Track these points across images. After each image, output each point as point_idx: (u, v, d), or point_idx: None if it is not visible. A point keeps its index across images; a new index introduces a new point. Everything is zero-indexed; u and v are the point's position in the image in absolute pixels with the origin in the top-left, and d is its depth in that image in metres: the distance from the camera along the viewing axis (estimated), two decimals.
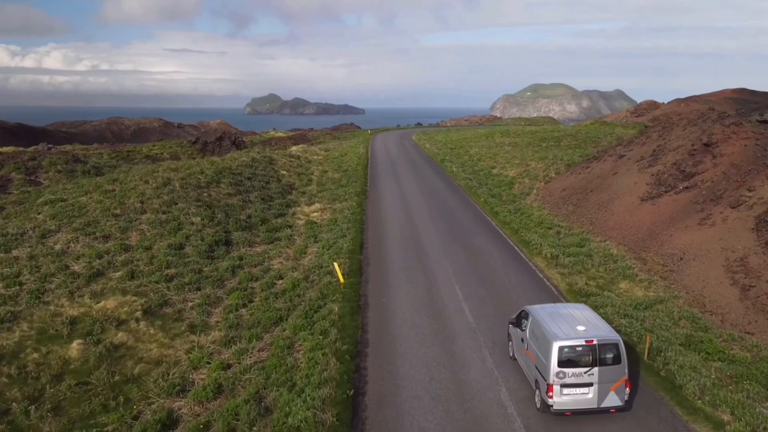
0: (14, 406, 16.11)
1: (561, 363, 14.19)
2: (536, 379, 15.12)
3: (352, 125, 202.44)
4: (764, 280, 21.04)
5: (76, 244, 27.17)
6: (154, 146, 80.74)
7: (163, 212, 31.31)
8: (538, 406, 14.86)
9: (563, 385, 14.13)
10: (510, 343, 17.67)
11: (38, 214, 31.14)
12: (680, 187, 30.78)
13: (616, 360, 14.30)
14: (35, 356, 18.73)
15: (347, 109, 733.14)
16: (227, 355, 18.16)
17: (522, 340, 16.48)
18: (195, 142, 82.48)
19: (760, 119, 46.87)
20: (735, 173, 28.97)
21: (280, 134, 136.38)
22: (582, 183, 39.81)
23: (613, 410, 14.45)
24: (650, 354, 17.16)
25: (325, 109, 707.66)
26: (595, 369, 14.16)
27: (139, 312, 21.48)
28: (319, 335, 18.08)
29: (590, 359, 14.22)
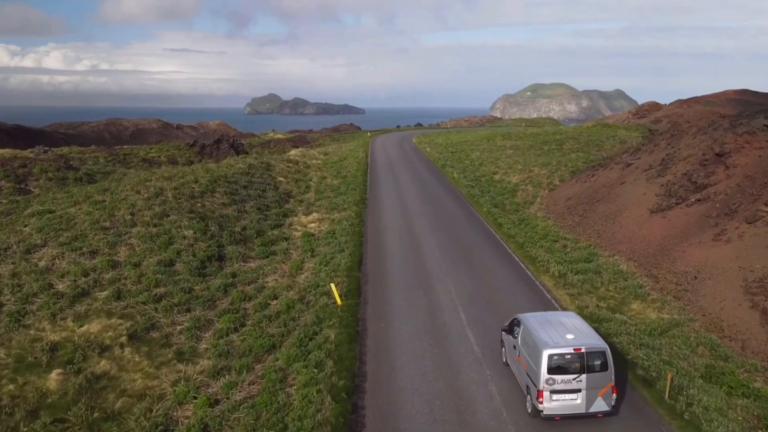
0: None
1: (551, 370, 14.72)
2: (527, 385, 15.66)
3: (352, 125, 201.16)
4: None
5: (62, 261, 25.97)
6: (152, 149, 79.46)
7: (154, 225, 30.09)
8: (529, 411, 15.38)
9: (553, 391, 14.69)
10: (503, 350, 18.16)
11: (24, 227, 29.96)
12: (692, 200, 29.56)
13: (604, 367, 14.85)
14: (11, 388, 17.54)
15: (347, 109, 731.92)
16: (215, 389, 16.95)
17: (514, 347, 16.97)
18: (193, 145, 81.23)
19: None
20: (750, 186, 27.74)
21: (279, 136, 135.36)
22: (588, 192, 38.60)
23: (601, 415, 15.03)
24: (671, 392, 15.94)
25: (325, 109, 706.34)
26: (584, 376, 14.75)
27: (124, 337, 20.27)
28: (314, 368, 16.87)
29: (579, 366, 14.79)
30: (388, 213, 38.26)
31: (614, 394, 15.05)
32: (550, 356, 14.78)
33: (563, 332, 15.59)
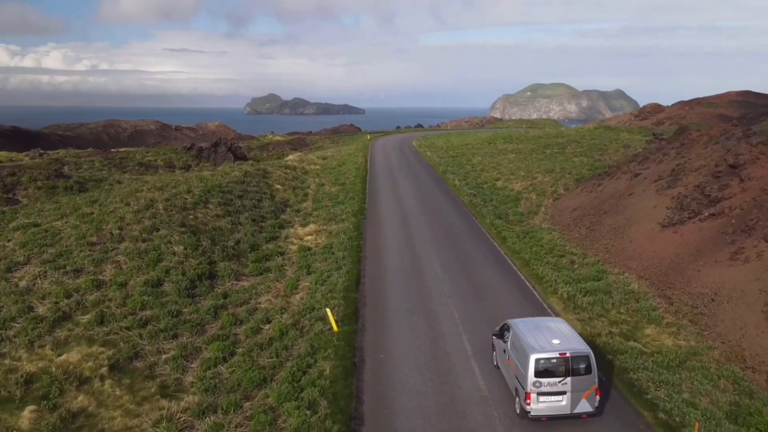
0: None
1: (537, 373, 15.39)
2: (516, 388, 16.32)
3: (352, 126, 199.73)
4: None
5: (44, 280, 24.66)
6: (148, 152, 77.96)
7: (143, 240, 28.78)
8: (518, 412, 15.99)
9: (539, 393, 15.35)
10: (494, 353, 18.94)
11: (8, 242, 28.65)
12: (705, 214, 28.24)
13: (587, 370, 15.52)
14: None
15: (347, 109, 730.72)
16: None
17: (504, 351, 17.67)
18: (190, 149, 79.80)
19: None
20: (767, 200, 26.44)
21: (279, 138, 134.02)
22: (594, 203, 37.28)
23: (585, 416, 15.71)
24: None
25: (325, 109, 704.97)
26: (569, 379, 15.40)
27: (105, 368, 18.95)
28: (307, 409, 15.55)
29: (564, 370, 15.43)
30: (388, 225, 36.93)
31: (598, 396, 15.72)
32: (537, 360, 15.43)
33: (550, 337, 16.28)
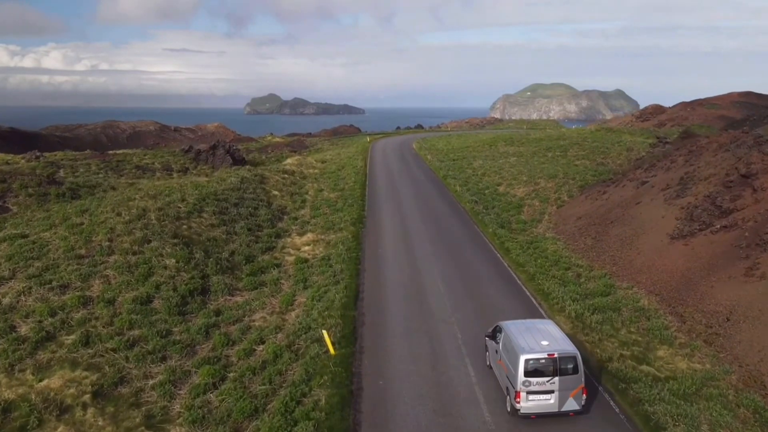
0: None
1: (527, 373, 16.04)
2: (507, 387, 16.93)
3: (352, 127, 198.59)
4: None
5: (28, 297, 23.64)
6: (146, 155, 76.95)
7: (134, 253, 27.76)
8: (509, 410, 16.66)
9: (529, 392, 16.02)
10: (487, 354, 19.56)
11: None
12: (717, 226, 27.19)
13: (575, 370, 16.20)
14: None
15: (347, 110, 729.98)
16: None
17: (496, 352, 18.31)
18: (188, 151, 78.76)
19: None
20: None
21: (278, 140, 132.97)
22: (600, 211, 36.23)
23: (572, 414, 16.38)
24: None
25: (325, 110, 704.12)
26: (556, 378, 16.07)
27: (88, 395, 17.93)
28: None
29: (552, 370, 16.09)
30: (388, 235, 35.86)
31: (584, 395, 16.37)
32: (527, 360, 16.08)
33: (539, 338, 16.93)
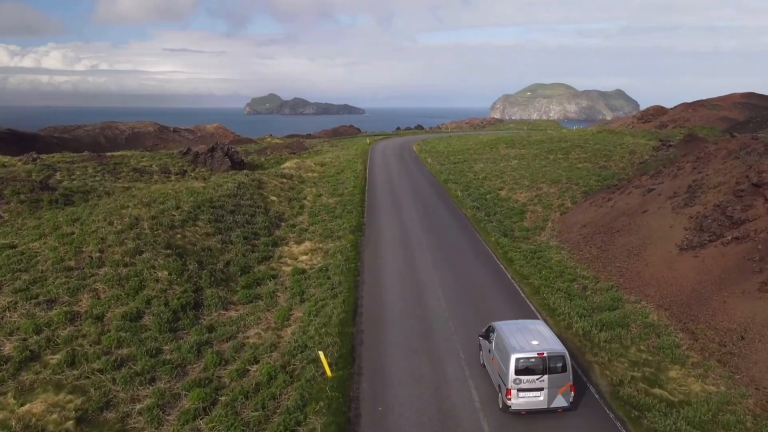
0: None
1: (518, 371, 16.69)
2: (499, 384, 17.55)
3: (352, 127, 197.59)
4: None
5: (13, 312, 22.77)
6: (143, 157, 76.12)
7: (125, 265, 26.85)
8: (500, 407, 17.22)
9: (519, 390, 16.66)
10: (480, 353, 20.11)
11: None
12: (728, 237, 26.28)
13: (563, 369, 16.85)
14: None
15: (347, 109, 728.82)
16: None
17: (489, 351, 18.86)
18: (186, 153, 77.97)
19: None
20: None
21: (277, 141, 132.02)
22: (605, 220, 35.32)
23: (560, 410, 16.99)
24: None
25: (325, 109, 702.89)
26: (546, 376, 16.72)
27: (72, 421, 17.04)
28: None
29: (542, 368, 16.74)
30: (387, 244, 34.90)
31: (572, 392, 17.00)
32: (517, 359, 16.72)
33: (530, 338, 17.60)
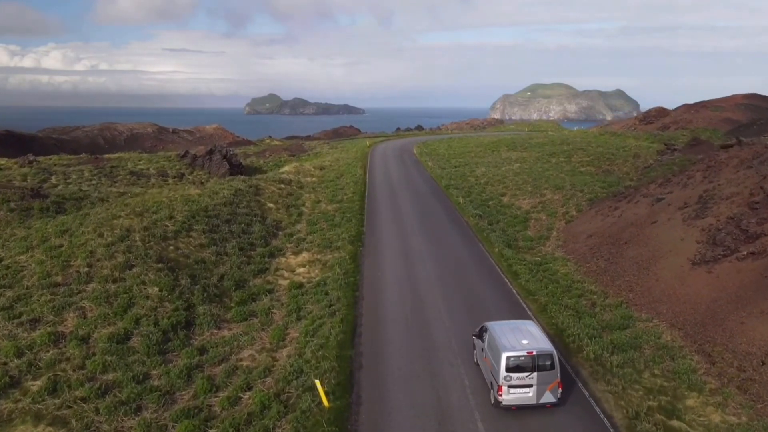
0: None
1: (508, 369, 17.61)
2: (491, 381, 18.47)
3: (352, 128, 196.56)
4: None
5: None
6: (141, 160, 75.08)
7: (114, 280, 25.76)
8: (492, 403, 18.14)
9: (510, 386, 17.60)
10: (474, 352, 21.08)
11: None
12: (743, 252, 25.16)
13: (551, 367, 17.80)
14: None
15: (347, 109, 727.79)
16: None
17: (482, 350, 19.81)
18: (184, 156, 76.94)
19: None
20: None
21: (276, 142, 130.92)
22: (612, 230, 34.20)
23: (549, 405, 17.91)
24: None
25: (325, 109, 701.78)
26: (535, 374, 17.65)
27: None
28: None
29: (531, 366, 17.67)
30: (387, 256, 33.74)
31: (560, 389, 17.93)
32: (508, 357, 17.64)
33: (520, 338, 18.53)
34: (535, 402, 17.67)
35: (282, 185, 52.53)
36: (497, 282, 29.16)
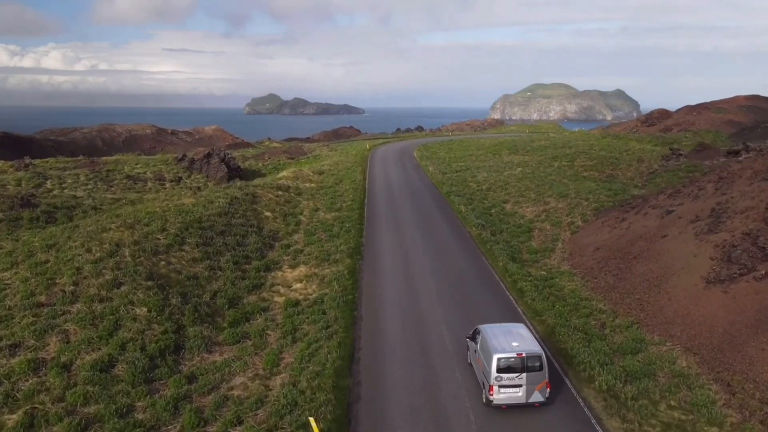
0: None
1: (499, 370, 18.39)
2: (483, 381, 19.27)
3: (352, 128, 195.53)
4: None
5: None
6: (138, 164, 73.94)
7: (101, 300, 24.57)
8: (484, 401, 18.93)
9: (500, 386, 18.38)
10: (468, 353, 21.81)
11: None
12: (762, 271, 23.95)
13: (540, 368, 18.58)
14: None
15: (347, 109, 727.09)
16: None
17: (475, 351, 20.59)
18: (181, 160, 75.86)
19: None
20: None
21: (275, 144, 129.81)
22: (620, 243, 32.98)
23: (537, 404, 18.69)
24: None
25: (325, 109, 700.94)
26: (524, 374, 18.42)
27: None
28: None
29: (520, 367, 18.45)
30: (387, 271, 32.48)
31: (548, 389, 18.74)
32: (499, 359, 18.47)
33: (510, 340, 19.34)
34: (525, 401, 18.53)
35: (280, 192, 51.36)
36: (502, 301, 27.90)
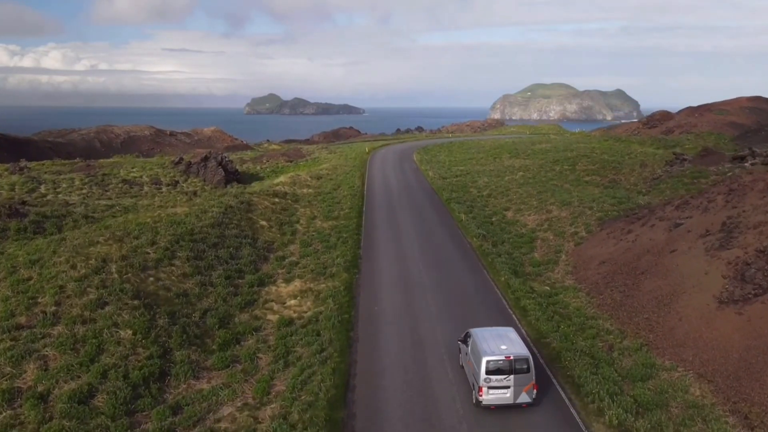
0: None
1: (488, 372, 19.17)
2: (473, 383, 19.96)
3: (352, 129, 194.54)
4: None
5: None
6: (134, 167, 72.88)
7: (83, 322, 23.41)
8: (474, 402, 19.59)
9: (489, 387, 19.13)
10: (460, 355, 22.48)
11: None
12: None
13: (527, 370, 19.37)
14: None
15: (347, 109, 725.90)
16: None
17: (466, 354, 21.28)
18: (178, 163, 74.80)
19: None
20: None
21: (274, 147, 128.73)
22: (627, 257, 31.78)
23: (524, 405, 19.45)
24: None
25: (325, 109, 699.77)
26: (512, 376, 19.22)
27: None
28: None
29: (509, 369, 19.23)
30: (385, 285, 31.27)
31: (535, 390, 19.46)
32: (488, 362, 19.19)
33: (500, 343, 20.08)
34: (512, 402, 19.20)
35: (276, 199, 50.18)
36: (505, 321, 26.58)
